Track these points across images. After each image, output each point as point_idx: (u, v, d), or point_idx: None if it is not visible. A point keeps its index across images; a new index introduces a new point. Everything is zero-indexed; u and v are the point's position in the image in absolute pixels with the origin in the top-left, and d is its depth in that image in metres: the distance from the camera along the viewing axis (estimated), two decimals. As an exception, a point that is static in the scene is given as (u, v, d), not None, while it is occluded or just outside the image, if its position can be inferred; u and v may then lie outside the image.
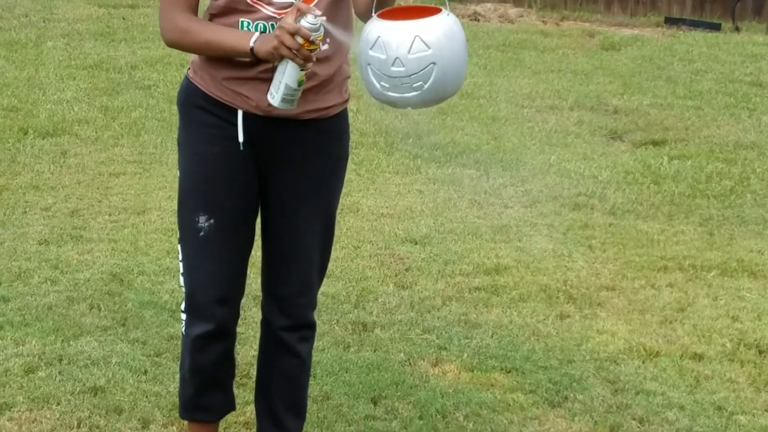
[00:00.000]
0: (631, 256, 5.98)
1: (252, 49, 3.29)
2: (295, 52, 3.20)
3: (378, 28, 3.20)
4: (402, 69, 3.18)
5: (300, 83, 3.28)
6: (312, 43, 3.20)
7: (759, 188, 7.20)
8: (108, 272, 5.50)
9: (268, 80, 3.40)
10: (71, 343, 4.74)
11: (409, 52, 3.17)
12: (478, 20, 12.75)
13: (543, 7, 13.45)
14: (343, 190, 3.70)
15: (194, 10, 3.42)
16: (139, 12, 11.38)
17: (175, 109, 3.75)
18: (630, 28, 13.06)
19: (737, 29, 13.29)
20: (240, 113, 3.47)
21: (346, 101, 3.60)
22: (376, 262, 5.79)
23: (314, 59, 3.25)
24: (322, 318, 4.97)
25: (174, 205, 3.70)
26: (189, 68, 3.59)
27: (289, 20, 3.20)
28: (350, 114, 3.65)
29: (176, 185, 3.60)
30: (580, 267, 5.82)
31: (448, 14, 3.20)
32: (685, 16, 14.09)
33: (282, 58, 3.25)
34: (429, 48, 3.17)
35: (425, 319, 5.14)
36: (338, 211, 3.72)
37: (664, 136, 8.33)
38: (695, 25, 13.32)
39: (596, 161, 7.70)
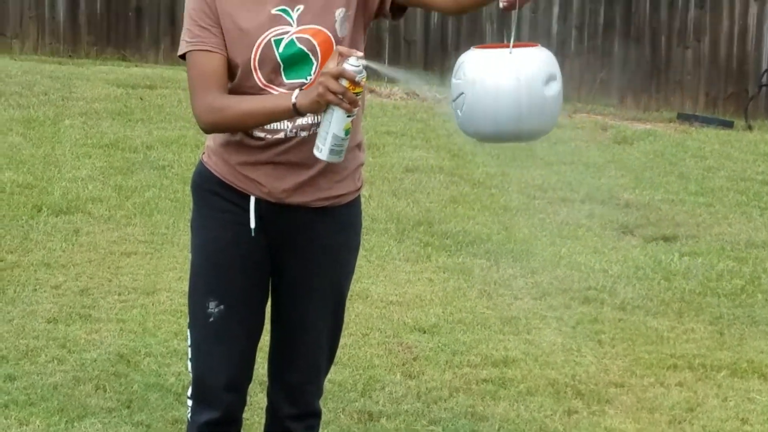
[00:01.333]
0: (640, 353, 5.96)
1: (294, 104, 3.28)
2: (340, 96, 3.18)
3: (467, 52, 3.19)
4: (450, 92, 3.17)
5: (347, 132, 3.24)
6: (357, 85, 3.18)
7: (770, 288, 7.19)
8: (115, 353, 5.49)
9: (282, 164, 3.43)
10: (75, 424, 4.72)
11: (454, 76, 3.15)
12: (492, 110, 12.82)
13: (557, 100, 13.50)
14: (353, 277, 3.71)
15: (226, 91, 3.44)
16: (156, 93, 11.46)
17: (188, 189, 3.77)
18: (643, 122, 13.11)
19: (750, 127, 13.34)
20: (252, 199, 3.48)
21: (359, 189, 3.62)
22: (383, 350, 5.78)
23: (359, 103, 3.24)
24: (328, 406, 4.95)
25: (184, 286, 3.71)
26: (204, 152, 3.61)
27: (331, 65, 3.20)
28: (362, 200, 3.66)
29: (187, 266, 3.61)
30: (589, 362, 5.80)
31: (510, 51, 3.10)
32: (698, 112, 14.15)
33: (327, 107, 3.24)
34: (463, 77, 3.12)
35: (432, 410, 5.12)
36: (347, 297, 3.72)
37: (675, 232, 8.32)
38: (708, 121, 13.37)
39: (607, 255, 7.69)
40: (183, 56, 3.49)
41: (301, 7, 3.42)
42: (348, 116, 3.23)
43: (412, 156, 9.91)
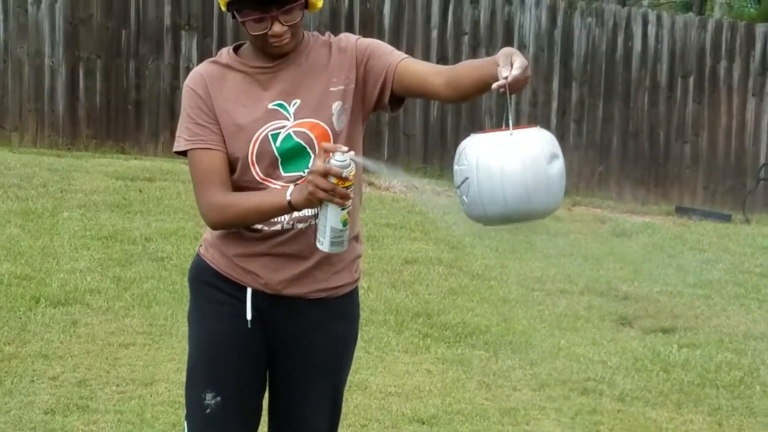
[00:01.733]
0: (639, 444, 5.94)
1: (290, 202, 3.29)
2: (330, 193, 3.19)
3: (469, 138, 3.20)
4: (454, 180, 3.18)
5: (345, 223, 3.24)
6: (345, 179, 3.18)
7: (768, 379, 7.17)
8: (112, 444, 5.46)
9: (279, 255, 3.43)
10: None
11: (457, 163, 3.17)
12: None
13: (555, 193, 13.56)
14: (352, 368, 3.70)
15: (229, 187, 3.44)
16: (155, 185, 11.51)
17: (187, 281, 3.77)
18: (641, 215, 13.17)
19: (748, 221, 13.40)
20: (249, 291, 3.48)
21: (357, 281, 3.62)
22: (382, 442, 5.75)
23: (352, 195, 3.24)
24: (326, 497, 4.91)
25: (182, 377, 3.69)
26: (201, 245, 3.62)
27: (318, 163, 3.19)
28: (361, 291, 3.66)
29: (185, 357, 3.60)
30: (587, 453, 5.77)
31: (511, 133, 3.11)
32: (696, 206, 14.23)
33: (320, 202, 3.24)
34: (466, 163, 3.13)
35: (430, 501, 5.08)
36: (346, 388, 3.71)
37: (673, 324, 8.33)
38: (706, 215, 13.44)
39: (605, 346, 7.69)
40: (180, 152, 3.52)
41: (298, 101, 3.45)
42: (342, 209, 3.24)
43: (411, 248, 9.94)
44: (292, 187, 3.31)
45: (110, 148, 14.12)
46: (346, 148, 3.20)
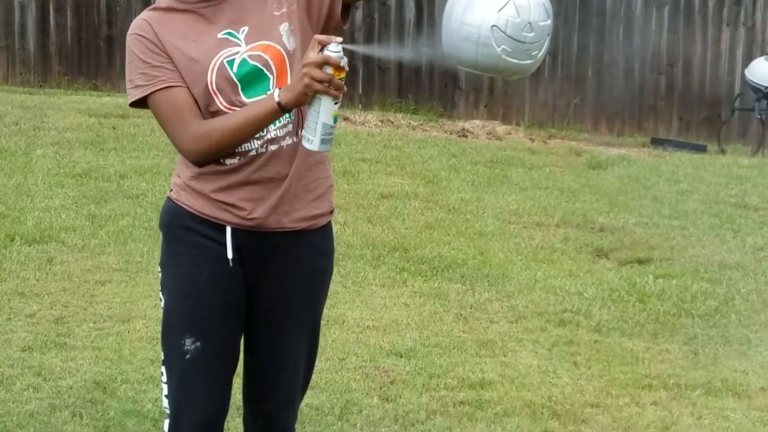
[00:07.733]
0: (615, 374, 5.97)
1: (279, 103, 3.26)
2: (327, 84, 3.17)
3: None
4: (531, 35, 3.24)
5: (335, 119, 3.23)
6: (342, 69, 3.17)
7: (743, 309, 7.21)
8: (91, 380, 5.47)
9: (258, 182, 3.41)
10: (51, 450, 4.69)
11: (539, 19, 3.24)
12: (467, 136, 12.86)
13: (531, 125, 13.59)
14: (330, 302, 3.70)
15: (201, 117, 3.41)
16: (129, 122, 11.43)
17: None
18: (616, 147, 13.16)
19: (723, 151, 13.42)
20: (229, 230, 3.46)
21: (332, 212, 3.62)
22: (360, 375, 5.77)
23: (345, 88, 3.22)
24: (306, 430, 4.94)
25: (159, 313, 3.68)
26: (170, 190, 3.57)
27: (312, 55, 3.17)
28: (338, 226, 3.66)
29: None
30: (564, 383, 5.80)
31: None
32: (671, 137, 14.23)
33: (314, 97, 3.22)
34: (549, 18, 3.25)
35: (409, 432, 5.11)
36: (324, 322, 3.71)
37: (649, 255, 8.35)
38: (681, 146, 13.45)
39: (582, 278, 7.71)
40: (137, 103, 3.45)
41: (246, 27, 3.42)
42: (335, 103, 3.22)
43: (387, 182, 9.93)
44: (277, 90, 3.28)
45: (82, 85, 14.01)
46: (340, 39, 3.18)
